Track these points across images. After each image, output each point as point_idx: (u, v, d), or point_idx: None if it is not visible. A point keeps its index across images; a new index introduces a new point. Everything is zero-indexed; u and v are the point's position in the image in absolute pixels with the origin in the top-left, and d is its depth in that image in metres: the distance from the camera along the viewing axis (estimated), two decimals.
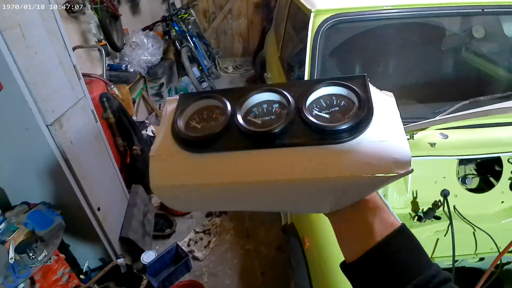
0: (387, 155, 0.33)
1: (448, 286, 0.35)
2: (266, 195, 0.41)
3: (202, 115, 0.41)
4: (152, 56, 3.08)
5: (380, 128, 0.35)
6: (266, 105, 0.40)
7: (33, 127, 1.29)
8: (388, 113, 0.37)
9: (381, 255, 0.37)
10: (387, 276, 0.36)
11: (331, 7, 1.42)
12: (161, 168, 0.39)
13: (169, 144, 0.39)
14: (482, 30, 1.53)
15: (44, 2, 1.32)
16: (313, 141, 0.35)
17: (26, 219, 1.36)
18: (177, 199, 0.44)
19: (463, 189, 1.36)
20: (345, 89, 0.38)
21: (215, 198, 0.43)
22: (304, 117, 0.36)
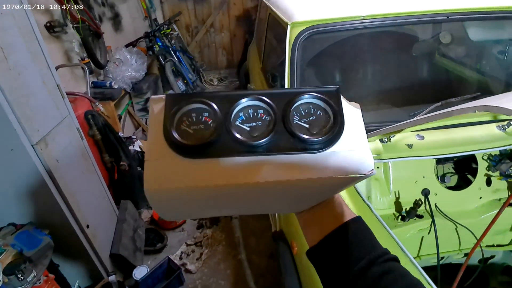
0: (355, 161, 0.42)
1: (395, 264, 0.41)
2: (255, 197, 0.46)
3: (191, 118, 0.43)
4: (136, 72, 3.10)
5: (349, 139, 0.43)
6: (251, 110, 0.44)
7: (18, 147, 1.29)
8: (355, 124, 0.44)
9: (340, 236, 0.43)
10: (344, 254, 0.42)
11: (307, 19, 1.48)
12: (156, 172, 0.40)
13: (162, 147, 0.41)
14: (449, 35, 1.62)
15: (25, 24, 1.34)
16: (296, 149, 0.41)
17: (13, 240, 1.34)
18: (169, 205, 0.47)
19: (443, 187, 1.41)
20: (322, 102, 0.44)
21: (207, 202, 0.47)
22: (289, 128, 0.42)
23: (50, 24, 2.21)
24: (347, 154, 0.42)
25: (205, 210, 0.56)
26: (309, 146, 0.42)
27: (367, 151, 0.42)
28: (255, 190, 0.42)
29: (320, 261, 0.45)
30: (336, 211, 0.46)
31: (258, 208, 0.61)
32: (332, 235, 0.44)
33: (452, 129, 1.36)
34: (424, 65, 1.79)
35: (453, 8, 1.45)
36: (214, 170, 0.40)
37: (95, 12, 3.00)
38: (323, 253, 0.44)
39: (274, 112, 0.43)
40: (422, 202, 1.35)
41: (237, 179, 0.40)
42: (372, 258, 0.40)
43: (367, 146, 0.43)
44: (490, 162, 1.41)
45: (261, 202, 0.51)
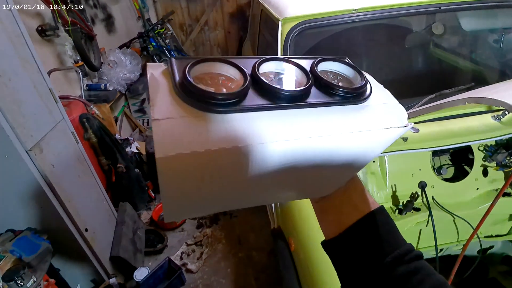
0: (392, 113, 0.40)
1: (421, 262, 0.38)
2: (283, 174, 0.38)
3: (206, 81, 0.35)
4: (131, 73, 3.09)
5: (378, 95, 0.42)
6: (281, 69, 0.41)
7: (12, 153, 1.29)
8: (375, 83, 0.43)
9: (362, 230, 0.39)
10: (366, 250, 0.39)
11: (298, 14, 1.47)
12: (171, 132, 0.30)
13: (176, 104, 0.32)
14: (441, 26, 1.61)
15: (14, 29, 1.33)
16: (335, 102, 0.39)
17: (12, 247, 1.34)
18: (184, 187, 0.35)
19: (439, 179, 1.41)
20: (344, 65, 0.44)
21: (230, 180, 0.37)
22: (323, 82, 0.39)
23: (41, 28, 2.19)
24: (382, 107, 0.40)
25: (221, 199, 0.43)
26: (346, 98, 0.39)
27: (399, 104, 0.41)
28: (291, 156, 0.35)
29: (338, 255, 0.41)
30: (356, 200, 0.42)
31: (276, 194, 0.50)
32: (352, 229, 0.40)
33: (448, 121, 1.36)
34: (418, 56, 1.78)
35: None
36: (247, 127, 0.32)
37: (87, 14, 2.98)
38: (342, 247, 0.41)
39: (303, 69, 0.41)
40: (419, 195, 1.35)
41: (275, 135, 0.33)
42: (397, 255, 0.37)
43: (395, 100, 0.42)
44: (486, 152, 1.40)
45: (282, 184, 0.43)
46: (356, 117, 0.38)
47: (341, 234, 0.40)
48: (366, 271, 0.38)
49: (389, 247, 0.38)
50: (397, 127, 0.38)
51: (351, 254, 0.40)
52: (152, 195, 2.74)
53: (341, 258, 0.41)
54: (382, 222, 0.40)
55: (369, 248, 0.39)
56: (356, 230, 0.40)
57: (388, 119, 0.39)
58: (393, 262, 0.37)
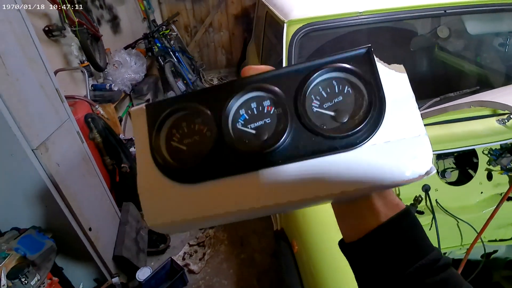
0: (407, 156, 0.30)
1: (449, 272, 0.34)
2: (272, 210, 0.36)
3: (182, 129, 0.34)
4: (136, 74, 3.11)
5: (395, 122, 0.30)
6: (255, 104, 0.33)
7: (18, 152, 1.30)
8: (402, 98, 0.31)
9: (384, 236, 0.35)
10: (388, 258, 0.35)
11: (304, 16, 1.47)
12: (154, 205, 0.33)
13: (155, 174, 0.33)
14: (447, 30, 1.61)
15: (22, 29, 1.35)
16: (321, 151, 0.31)
17: (16, 245, 1.36)
18: (176, 229, 0.39)
19: (443, 182, 1.40)
20: (349, 74, 0.32)
21: (219, 221, 0.39)
22: (306, 122, 0.31)
23: (48, 28, 2.21)
24: (394, 146, 0.30)
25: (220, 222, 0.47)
26: (339, 144, 0.30)
27: (424, 138, 0.30)
28: (275, 208, 0.33)
29: (357, 260, 0.38)
30: (378, 202, 0.36)
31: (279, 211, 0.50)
32: (373, 234, 0.36)
33: (452, 124, 1.35)
34: (423, 60, 1.78)
35: (451, 1, 1.44)
36: (222, 194, 0.32)
37: (94, 15, 3.01)
38: (362, 252, 0.37)
39: (282, 102, 0.32)
40: (423, 198, 1.34)
41: (251, 203, 0.32)
42: (423, 265, 0.34)
43: (422, 130, 0.30)
44: (490, 156, 1.40)
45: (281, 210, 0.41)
46: (350, 171, 0.30)
47: (360, 239, 0.37)
48: (387, 281, 0.35)
49: (414, 255, 0.34)
50: (411, 179, 0.30)
51: (371, 262, 0.36)
52: None
53: (360, 264, 0.38)
54: (407, 226, 0.36)
55: (391, 256, 0.35)
56: (377, 236, 0.36)
57: (399, 167, 0.30)
58: (418, 273, 0.33)
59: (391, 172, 0.30)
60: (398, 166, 0.30)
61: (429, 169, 0.30)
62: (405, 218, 0.36)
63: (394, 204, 0.37)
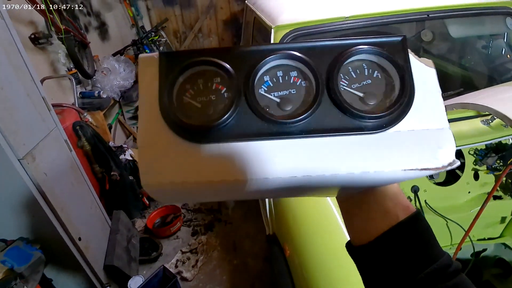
0: (430, 147, 0.30)
1: (459, 278, 0.33)
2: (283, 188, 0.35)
3: (197, 85, 0.32)
4: (125, 80, 3.09)
5: (421, 113, 0.31)
6: (281, 73, 0.32)
7: (4, 162, 1.27)
8: (429, 91, 0.32)
9: (396, 240, 0.34)
10: (398, 262, 0.34)
11: (290, 22, 1.49)
12: (154, 162, 0.30)
13: (160, 129, 0.31)
14: (430, 33, 1.65)
15: (7, 37, 1.33)
16: (346, 130, 0.30)
17: (3, 257, 1.32)
18: (172, 195, 0.37)
19: (432, 183, 1.43)
20: (382, 58, 0.32)
21: (221, 193, 0.37)
22: (336, 98, 0.30)
23: (34, 36, 2.19)
24: (418, 135, 0.31)
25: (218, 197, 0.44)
26: (364, 124, 0.30)
27: (447, 131, 0.31)
28: (288, 184, 0.31)
29: (366, 264, 0.37)
30: (389, 203, 0.35)
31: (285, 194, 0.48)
32: (384, 237, 0.35)
33: None
34: None
35: (433, 6, 1.48)
36: (233, 160, 0.30)
37: (81, 22, 2.98)
38: (372, 256, 0.36)
39: (315, 74, 0.31)
40: (412, 199, 1.36)
41: (265, 174, 0.30)
42: (433, 271, 0.33)
43: (446, 123, 0.31)
44: (476, 156, 1.43)
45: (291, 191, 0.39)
46: (374, 153, 0.30)
47: (371, 243, 0.35)
48: (398, 286, 0.34)
49: (425, 260, 0.33)
50: (433, 168, 0.30)
51: (382, 266, 0.35)
52: (146, 203, 2.72)
53: (370, 268, 0.37)
54: (418, 230, 0.35)
55: (403, 261, 0.34)
56: (389, 239, 0.35)
57: (422, 156, 0.30)
58: (430, 278, 0.33)
59: (415, 159, 0.30)
60: (422, 154, 0.30)
61: (452, 160, 0.30)
62: (417, 221, 0.35)
63: (404, 205, 0.36)
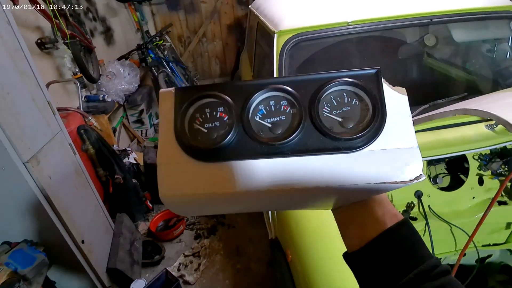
0: (399, 163, 0.35)
1: (447, 278, 0.36)
2: (280, 200, 0.42)
3: (205, 114, 0.39)
4: (130, 85, 3.11)
5: (392, 134, 0.36)
6: (273, 102, 0.39)
7: (9, 165, 1.29)
8: (400, 115, 0.37)
9: (385, 244, 0.38)
10: (389, 264, 0.37)
11: (293, 27, 1.50)
12: (169, 177, 0.37)
13: (175, 150, 0.38)
14: (433, 38, 1.64)
15: (13, 43, 1.35)
16: (326, 150, 0.36)
17: (7, 259, 1.34)
18: (185, 206, 0.44)
19: (435, 188, 1.41)
20: (358, 88, 0.37)
21: (226, 203, 0.44)
22: (318, 123, 0.36)
23: (41, 41, 2.22)
24: (389, 153, 0.35)
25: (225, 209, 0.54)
26: (342, 145, 0.36)
27: (415, 150, 0.35)
28: (280, 195, 0.38)
29: (360, 269, 0.41)
30: (378, 212, 0.40)
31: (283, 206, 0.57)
32: (374, 243, 0.39)
33: (442, 130, 1.37)
34: (412, 67, 1.81)
35: (436, 10, 1.47)
36: (233, 175, 0.36)
37: (87, 27, 3.02)
38: (364, 261, 0.40)
39: (300, 103, 0.37)
40: (415, 205, 1.35)
41: (259, 186, 0.36)
42: (421, 271, 0.36)
43: (415, 143, 0.36)
44: (481, 161, 1.41)
45: (286, 203, 0.47)
46: (350, 169, 0.35)
47: (362, 248, 0.39)
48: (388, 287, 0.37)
49: (413, 262, 0.37)
50: (401, 182, 0.35)
51: (373, 269, 0.39)
52: (150, 206, 2.73)
53: (362, 272, 0.40)
54: (406, 235, 0.39)
55: (391, 263, 0.37)
56: (377, 244, 0.39)
57: (392, 172, 0.35)
58: (417, 279, 0.35)
59: (385, 174, 0.35)
60: (392, 170, 0.35)
61: (419, 175, 0.35)
62: (403, 227, 0.39)
63: (392, 214, 0.40)
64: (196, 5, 4.64)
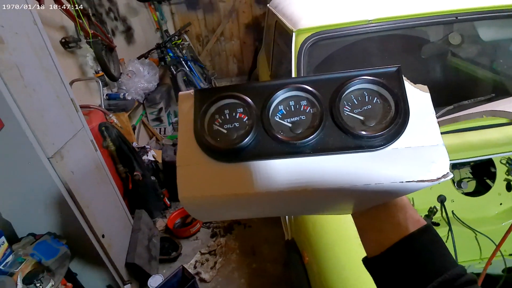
0: (425, 161, 0.34)
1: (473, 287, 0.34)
2: (302, 201, 0.41)
3: (224, 115, 0.39)
4: (149, 83, 3.17)
5: (416, 132, 0.35)
6: (293, 102, 0.38)
7: (35, 160, 1.33)
8: (423, 112, 0.36)
9: (406, 250, 0.36)
10: (410, 271, 0.36)
11: (312, 25, 1.48)
12: (189, 179, 0.37)
13: (194, 151, 0.38)
14: (459, 36, 1.58)
15: (39, 42, 1.40)
16: (348, 148, 0.35)
17: (32, 250, 1.38)
18: (205, 209, 0.43)
19: (460, 193, 1.36)
20: (379, 87, 0.37)
21: (248, 206, 0.43)
22: (339, 122, 0.35)
23: (65, 40, 2.29)
24: (414, 151, 0.34)
25: (245, 212, 0.52)
26: (365, 143, 0.35)
27: (441, 147, 0.34)
28: (301, 196, 0.37)
29: (381, 274, 0.39)
30: (399, 217, 0.38)
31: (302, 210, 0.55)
32: (395, 248, 0.37)
33: (467, 133, 1.32)
34: (435, 67, 1.75)
35: (462, 8, 1.42)
36: (253, 175, 0.36)
37: (108, 26, 3.09)
38: (384, 266, 0.38)
39: (320, 102, 0.37)
40: (438, 210, 1.31)
41: (279, 186, 0.35)
42: (445, 280, 0.34)
43: (440, 140, 0.34)
44: (509, 166, 1.35)
45: (306, 205, 0.46)
46: (374, 167, 0.34)
47: (382, 253, 0.38)
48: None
49: (436, 269, 0.35)
50: (427, 180, 0.33)
51: (394, 275, 0.37)
52: (167, 203, 2.77)
53: (383, 279, 0.39)
54: (429, 241, 0.37)
55: (414, 270, 0.36)
56: (398, 250, 0.37)
57: (417, 170, 0.33)
58: (441, 287, 0.34)
59: (411, 172, 0.33)
60: (417, 168, 0.34)
61: (446, 173, 0.33)
62: (426, 233, 0.37)
63: (415, 219, 0.38)
64: (215, 4, 4.67)
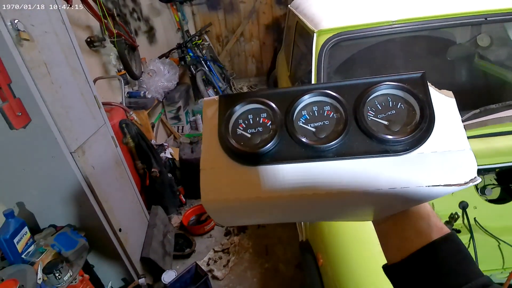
0: (451, 165, 0.33)
1: None
2: (324, 206, 0.41)
3: (248, 120, 0.39)
4: (169, 82, 3.22)
5: (442, 137, 0.34)
6: (316, 108, 0.39)
7: (58, 154, 1.38)
8: (449, 118, 0.35)
9: (429, 258, 0.35)
10: (433, 280, 0.35)
11: (334, 26, 1.46)
12: (212, 182, 0.37)
13: (218, 154, 0.38)
14: (488, 38, 1.52)
15: (67, 41, 1.44)
16: (373, 152, 0.35)
17: (53, 241, 1.43)
18: (228, 213, 0.43)
19: (483, 200, 1.32)
20: (403, 92, 0.36)
21: (268, 210, 0.43)
22: (363, 126, 0.35)
23: (90, 39, 2.36)
24: (440, 156, 0.34)
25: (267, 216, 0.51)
26: (390, 148, 0.34)
27: (468, 152, 0.33)
28: (325, 199, 0.36)
29: (401, 282, 0.38)
30: (422, 224, 0.37)
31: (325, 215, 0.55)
32: (417, 255, 0.36)
33: (493, 138, 1.27)
34: (461, 69, 1.69)
35: (492, 8, 1.36)
36: (277, 179, 0.36)
37: (132, 26, 3.17)
38: (406, 273, 0.37)
39: (344, 108, 0.37)
40: (459, 216, 1.26)
41: (303, 190, 0.35)
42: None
43: (467, 145, 0.34)
44: None
45: (330, 210, 0.45)
46: (399, 171, 0.34)
47: (404, 260, 0.37)
48: None
49: (461, 278, 0.34)
50: (454, 185, 0.32)
51: (415, 284, 0.36)
52: (183, 200, 2.81)
53: (404, 286, 0.38)
54: (452, 250, 0.35)
55: (436, 279, 0.34)
56: (421, 257, 0.36)
57: (444, 174, 0.33)
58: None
59: (437, 176, 0.33)
60: (444, 172, 0.33)
61: (474, 177, 0.32)
62: (450, 241, 0.36)
63: (438, 227, 0.37)
64: (235, 5, 4.70)
